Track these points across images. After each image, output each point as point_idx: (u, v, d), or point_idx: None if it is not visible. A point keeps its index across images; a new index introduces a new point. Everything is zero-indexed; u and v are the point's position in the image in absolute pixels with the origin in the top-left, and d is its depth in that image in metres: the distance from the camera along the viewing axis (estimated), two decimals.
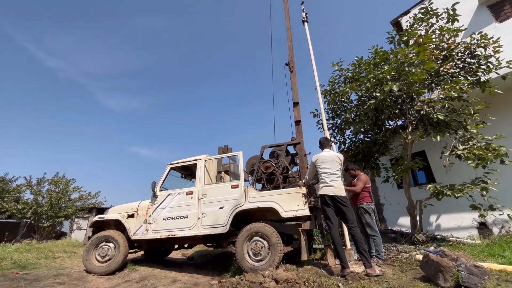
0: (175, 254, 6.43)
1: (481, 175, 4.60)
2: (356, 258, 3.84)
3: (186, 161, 4.91)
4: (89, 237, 4.75)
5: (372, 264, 3.31)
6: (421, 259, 3.24)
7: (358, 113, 5.39)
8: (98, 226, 4.94)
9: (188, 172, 5.39)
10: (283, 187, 4.28)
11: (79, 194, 13.13)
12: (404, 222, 6.75)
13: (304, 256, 3.76)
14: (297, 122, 5.07)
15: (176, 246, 5.33)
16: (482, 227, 5.45)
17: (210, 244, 4.71)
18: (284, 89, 5.88)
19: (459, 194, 4.43)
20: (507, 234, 4.86)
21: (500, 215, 4.78)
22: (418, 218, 5.18)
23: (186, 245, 5.41)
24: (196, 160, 4.84)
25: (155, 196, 4.73)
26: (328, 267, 3.64)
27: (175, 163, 4.97)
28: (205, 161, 4.79)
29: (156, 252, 5.70)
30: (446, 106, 4.89)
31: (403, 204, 5.76)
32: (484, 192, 4.37)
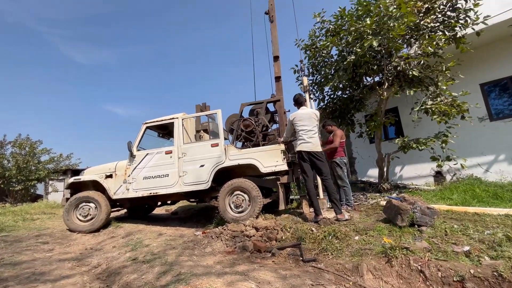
0: (159, 210, 6.66)
1: (443, 129, 5.00)
2: (328, 206, 4.23)
3: (162, 120, 4.73)
4: (67, 199, 4.69)
5: (342, 210, 3.66)
6: (384, 204, 3.56)
7: (338, 67, 5.35)
8: (75, 188, 4.85)
9: (165, 131, 5.26)
10: (263, 145, 4.35)
11: (49, 156, 12.74)
12: (373, 173, 7.36)
13: (282, 206, 4.00)
14: (277, 78, 4.94)
15: (159, 203, 5.48)
16: (438, 175, 6.16)
17: (193, 200, 4.89)
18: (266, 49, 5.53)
19: (422, 147, 4.84)
20: (457, 180, 5.56)
21: (454, 164, 5.38)
22: (385, 169, 5.68)
23: (169, 202, 5.58)
24: (173, 118, 4.67)
25: (132, 156, 4.65)
26: (303, 215, 3.98)
27: (150, 122, 4.78)
28: (182, 119, 4.65)
29: (139, 210, 5.82)
30: (422, 62, 4.98)
31: (374, 157, 6.21)
32: (444, 145, 4.80)
